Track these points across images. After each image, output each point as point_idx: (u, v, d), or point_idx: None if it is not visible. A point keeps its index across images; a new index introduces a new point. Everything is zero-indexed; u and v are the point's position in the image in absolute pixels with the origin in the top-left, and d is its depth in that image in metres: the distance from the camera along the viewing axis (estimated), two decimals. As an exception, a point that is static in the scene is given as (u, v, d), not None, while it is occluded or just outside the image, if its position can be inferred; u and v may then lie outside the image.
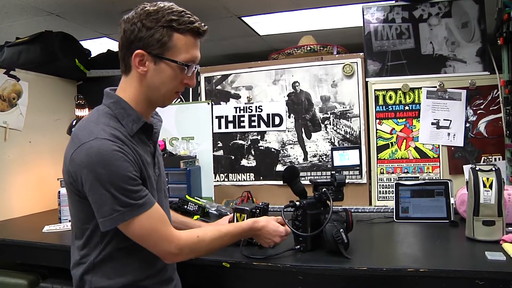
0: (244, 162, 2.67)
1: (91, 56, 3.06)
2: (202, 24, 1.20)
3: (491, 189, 1.59)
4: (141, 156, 1.18)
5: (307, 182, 1.73)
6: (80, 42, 2.96)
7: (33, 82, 2.65)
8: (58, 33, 2.75)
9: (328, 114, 2.52)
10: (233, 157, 2.69)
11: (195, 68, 1.23)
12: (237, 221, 1.65)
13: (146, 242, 1.16)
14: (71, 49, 2.84)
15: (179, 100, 2.81)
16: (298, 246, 1.55)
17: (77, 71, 2.88)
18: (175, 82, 1.21)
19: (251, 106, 2.65)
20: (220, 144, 2.72)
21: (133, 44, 1.16)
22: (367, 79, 2.45)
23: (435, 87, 2.33)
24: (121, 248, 1.18)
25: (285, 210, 1.55)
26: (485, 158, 2.28)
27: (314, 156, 2.54)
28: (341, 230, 1.45)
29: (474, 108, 2.30)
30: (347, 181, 1.79)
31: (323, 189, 1.57)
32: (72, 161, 1.12)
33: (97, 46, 3.21)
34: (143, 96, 1.22)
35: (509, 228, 1.65)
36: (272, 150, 2.62)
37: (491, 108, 2.27)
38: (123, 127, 1.18)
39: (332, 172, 1.65)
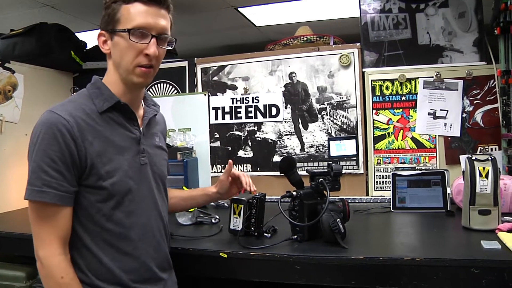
0: (241, 153, 2.67)
1: (87, 48, 3.03)
2: None
3: (487, 179, 1.59)
4: (102, 136, 1.17)
5: (304, 173, 1.73)
6: (76, 34, 2.94)
7: (29, 75, 2.64)
8: (53, 25, 2.72)
9: (324, 104, 2.51)
10: (230, 148, 2.69)
11: (152, 36, 1.17)
12: (234, 211, 1.66)
13: (32, 229, 1.13)
14: (67, 41, 2.81)
15: (175, 91, 2.80)
16: (295, 236, 1.55)
17: (73, 63, 2.86)
18: (131, 53, 1.17)
19: (248, 97, 2.65)
20: (217, 135, 2.71)
21: (100, 29, 1.23)
22: (363, 70, 2.45)
23: (432, 77, 2.33)
24: (89, 236, 1.16)
25: (281, 200, 1.56)
26: (482, 148, 2.29)
27: (311, 146, 2.54)
28: (338, 220, 1.45)
29: (471, 98, 2.30)
30: (344, 171, 1.79)
31: (320, 179, 1.57)
32: None
33: (93, 38, 3.17)
34: (117, 76, 1.23)
35: (505, 217, 1.66)
36: (269, 141, 2.62)
37: (487, 98, 2.28)
38: (93, 105, 1.19)
39: (329, 162, 1.65)
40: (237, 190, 1.62)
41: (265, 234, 1.63)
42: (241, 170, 2.63)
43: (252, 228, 1.62)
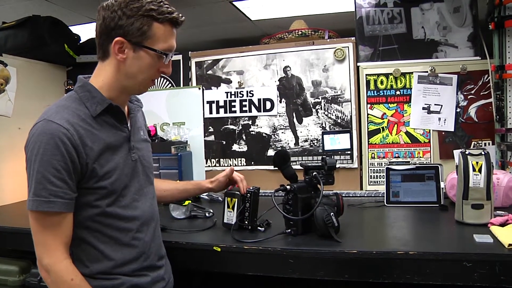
0: (235, 147, 2.67)
1: (81, 41, 3.01)
2: (180, 14, 1.22)
3: (480, 173, 1.60)
4: (101, 139, 1.18)
5: (299, 167, 1.73)
6: (69, 27, 2.91)
7: (22, 68, 2.61)
8: (46, 17, 2.70)
9: (319, 98, 2.51)
10: (224, 142, 2.69)
11: (171, 56, 1.25)
12: (227, 205, 1.66)
13: (34, 238, 1.14)
14: (60, 34, 2.79)
15: (170, 85, 2.79)
16: (289, 230, 1.55)
17: (66, 56, 2.84)
18: (152, 70, 1.23)
19: (242, 91, 2.64)
20: (211, 129, 2.71)
21: (113, 31, 1.17)
22: (358, 64, 2.44)
23: (427, 72, 2.33)
24: (89, 231, 1.19)
25: (275, 194, 1.56)
26: (475, 143, 2.30)
27: (305, 141, 2.54)
28: (332, 213, 1.46)
29: (465, 93, 2.30)
30: (338, 165, 1.79)
31: (314, 173, 1.57)
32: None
33: (86, 31, 3.16)
34: (118, 83, 1.22)
35: (497, 212, 1.67)
36: (263, 135, 2.62)
37: (481, 93, 2.28)
38: (86, 109, 1.19)
39: (323, 156, 1.65)
40: (229, 186, 1.73)
41: (259, 228, 1.64)
42: (235, 165, 2.65)
43: (246, 222, 1.63)
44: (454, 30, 2.32)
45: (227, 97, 2.67)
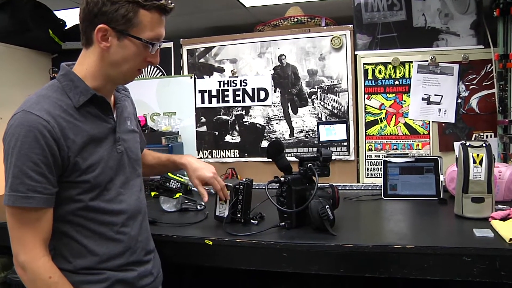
0: (228, 138, 2.61)
1: (67, 27, 2.92)
2: (169, 1, 1.17)
3: (481, 166, 1.57)
4: (84, 131, 1.14)
5: (294, 159, 1.70)
6: (54, 12, 2.82)
7: (2, 54, 2.52)
8: (28, 0, 2.59)
9: (315, 88, 2.46)
10: (217, 133, 2.63)
11: (159, 45, 1.20)
12: (220, 197, 1.63)
13: (11, 234, 1.10)
14: (44, 19, 2.68)
15: (160, 73, 2.73)
16: (283, 223, 1.54)
17: (51, 42, 2.75)
18: (138, 60, 1.18)
19: (236, 80, 2.58)
20: (203, 120, 2.65)
21: (96, 18, 1.12)
22: (356, 52, 2.39)
23: (427, 61, 2.28)
24: (71, 226, 1.15)
25: (269, 186, 1.52)
26: (477, 135, 2.26)
27: (301, 132, 2.49)
28: (327, 206, 1.43)
29: (467, 83, 2.26)
30: (334, 157, 1.75)
31: (309, 164, 1.55)
32: None
33: (72, 16, 3.07)
34: (102, 72, 1.18)
35: (499, 206, 1.64)
36: (257, 125, 2.56)
37: (484, 84, 2.24)
38: (69, 100, 1.14)
39: (318, 147, 1.63)
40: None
41: (252, 221, 1.62)
42: (228, 156, 2.61)
43: (239, 215, 1.62)
44: (456, 17, 2.26)
45: (219, 86, 2.61)
